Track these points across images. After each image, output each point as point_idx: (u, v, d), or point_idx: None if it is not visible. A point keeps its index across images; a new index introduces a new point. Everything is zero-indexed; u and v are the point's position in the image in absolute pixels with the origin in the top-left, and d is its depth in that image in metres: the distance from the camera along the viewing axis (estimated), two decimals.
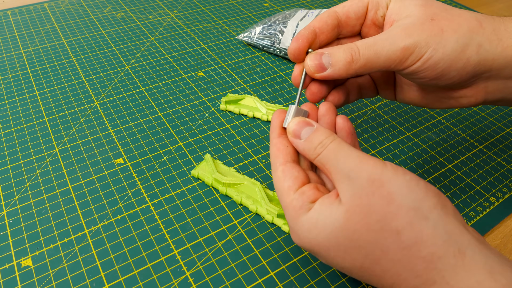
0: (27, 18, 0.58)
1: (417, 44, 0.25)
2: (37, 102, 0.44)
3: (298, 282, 0.29)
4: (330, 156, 0.24)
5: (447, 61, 0.25)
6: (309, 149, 0.25)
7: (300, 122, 0.26)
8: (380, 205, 0.21)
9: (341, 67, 0.26)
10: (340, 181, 0.23)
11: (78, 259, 0.30)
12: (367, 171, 0.22)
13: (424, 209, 0.21)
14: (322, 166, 0.24)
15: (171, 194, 0.35)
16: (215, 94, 0.46)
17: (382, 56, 0.26)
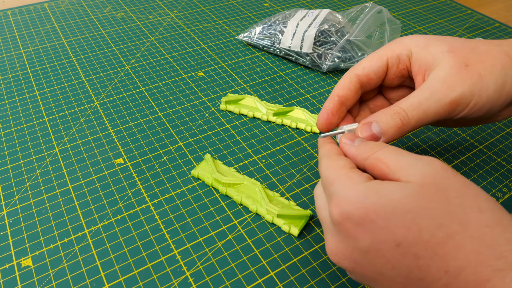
0: (27, 18, 0.58)
1: (463, 95, 0.26)
2: (37, 102, 0.44)
3: (298, 282, 0.29)
4: (391, 151, 0.23)
5: (491, 102, 0.26)
6: (364, 150, 0.24)
7: (352, 136, 0.26)
8: (459, 186, 0.20)
9: (393, 133, 0.26)
10: (405, 169, 0.21)
11: (78, 259, 0.30)
12: (438, 161, 0.22)
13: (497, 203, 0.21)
14: (379, 161, 0.23)
15: (171, 194, 0.35)
16: (215, 94, 0.46)
17: (431, 114, 0.26)
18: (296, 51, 0.50)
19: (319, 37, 0.49)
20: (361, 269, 0.22)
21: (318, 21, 0.49)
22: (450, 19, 0.64)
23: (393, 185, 0.21)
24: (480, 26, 0.62)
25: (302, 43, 0.49)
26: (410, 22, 0.63)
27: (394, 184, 0.21)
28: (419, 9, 0.67)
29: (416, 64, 0.28)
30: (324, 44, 0.49)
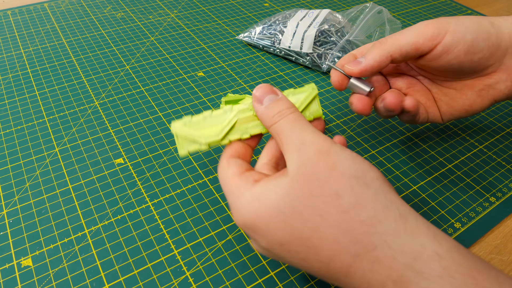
0: (27, 18, 0.58)
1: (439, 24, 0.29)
2: (37, 102, 0.44)
3: (298, 282, 0.29)
4: (287, 126, 0.24)
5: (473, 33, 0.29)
6: (267, 115, 0.25)
7: (266, 88, 0.26)
8: (324, 172, 0.21)
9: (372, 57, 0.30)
10: (290, 152, 0.23)
11: (78, 259, 0.30)
12: (317, 144, 0.22)
13: (367, 178, 0.21)
14: (277, 135, 0.24)
15: (171, 194, 0.35)
16: (215, 94, 0.46)
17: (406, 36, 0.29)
18: (296, 51, 0.50)
19: (319, 37, 0.49)
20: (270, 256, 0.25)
21: (318, 21, 0.49)
22: None
23: (271, 186, 0.22)
24: None
25: (302, 43, 0.49)
26: (410, 22, 0.63)
27: (272, 183, 0.23)
28: (419, 9, 0.67)
29: None
30: (324, 44, 0.49)
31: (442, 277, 0.18)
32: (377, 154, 0.39)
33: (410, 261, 0.19)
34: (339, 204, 0.21)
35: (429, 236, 0.20)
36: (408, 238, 0.19)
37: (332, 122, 0.43)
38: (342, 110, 0.44)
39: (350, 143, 0.40)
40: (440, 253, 0.19)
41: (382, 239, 0.20)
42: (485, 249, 0.32)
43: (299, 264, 0.22)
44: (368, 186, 0.21)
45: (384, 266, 0.19)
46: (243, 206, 0.23)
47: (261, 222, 0.22)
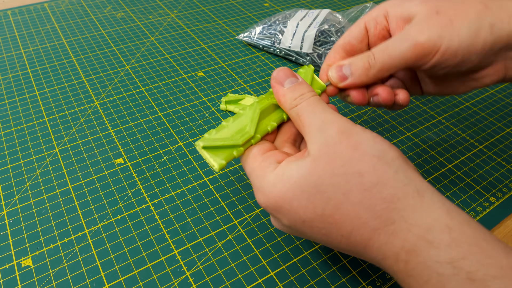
0: (27, 18, 0.58)
1: (430, 38, 0.26)
2: (37, 102, 0.44)
3: (298, 282, 0.29)
4: (308, 108, 0.25)
5: (465, 48, 0.26)
6: (290, 97, 0.26)
7: (287, 71, 0.27)
8: (346, 152, 0.22)
9: (360, 74, 0.28)
10: (311, 133, 0.24)
11: (78, 259, 0.30)
12: (338, 123, 0.23)
13: (387, 157, 0.22)
14: (297, 117, 0.25)
15: (171, 194, 0.35)
16: (215, 94, 0.46)
17: (396, 57, 0.27)
18: (296, 51, 0.50)
19: (319, 37, 0.49)
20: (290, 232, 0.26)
21: (318, 21, 0.49)
22: None
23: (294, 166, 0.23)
24: None
25: (302, 43, 0.49)
26: None
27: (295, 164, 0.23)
28: None
29: (393, 21, 0.29)
30: (324, 44, 0.49)
31: (450, 246, 0.19)
32: None
33: (423, 232, 0.20)
34: (362, 183, 0.22)
35: (443, 210, 0.21)
36: (424, 213, 0.21)
37: None
38: (342, 110, 0.44)
39: None
40: (451, 225, 0.20)
41: (400, 214, 0.21)
42: None
43: (321, 239, 0.23)
44: (389, 165, 0.22)
45: (399, 238, 0.21)
46: (267, 186, 0.24)
47: (285, 201, 0.23)
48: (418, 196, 0.21)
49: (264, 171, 0.24)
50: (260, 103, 0.27)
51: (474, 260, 0.19)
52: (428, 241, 0.20)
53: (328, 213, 0.22)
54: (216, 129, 0.27)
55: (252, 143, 0.26)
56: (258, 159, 0.25)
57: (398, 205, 0.21)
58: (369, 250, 0.22)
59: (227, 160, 0.25)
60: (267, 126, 0.27)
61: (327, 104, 0.26)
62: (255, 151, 0.26)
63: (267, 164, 0.24)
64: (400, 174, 0.22)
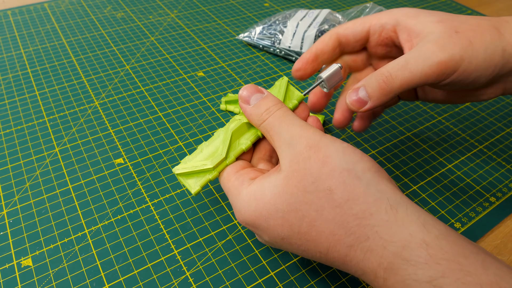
0: (27, 18, 0.58)
1: (453, 57, 0.25)
2: (37, 102, 0.44)
3: (298, 282, 0.29)
4: (275, 123, 0.25)
5: (479, 71, 0.26)
6: (255, 114, 0.26)
7: (251, 88, 0.27)
8: (316, 168, 0.22)
9: (378, 96, 0.26)
10: (281, 148, 0.24)
11: (78, 259, 0.30)
12: (306, 138, 0.23)
13: (358, 170, 0.22)
14: (267, 132, 0.25)
15: (171, 194, 0.35)
16: (215, 94, 0.46)
17: (418, 73, 0.26)
18: (296, 51, 0.50)
19: (319, 37, 0.49)
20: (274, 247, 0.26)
21: (318, 21, 0.49)
22: None
23: (266, 184, 0.23)
24: None
25: (302, 43, 0.49)
26: None
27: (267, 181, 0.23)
28: (419, 9, 0.67)
29: (404, 32, 0.28)
30: None
31: (428, 264, 0.19)
32: (377, 154, 0.39)
33: (399, 250, 0.20)
34: (333, 199, 0.22)
35: (418, 224, 0.20)
36: (398, 228, 0.20)
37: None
38: None
39: (350, 143, 0.40)
40: (428, 241, 0.20)
41: (373, 230, 0.21)
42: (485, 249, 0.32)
43: (301, 254, 0.24)
44: (360, 179, 0.22)
45: (375, 255, 0.20)
46: (241, 206, 0.24)
47: (261, 219, 0.23)
48: (391, 210, 0.21)
49: (238, 190, 0.25)
50: (233, 123, 0.27)
51: (454, 278, 0.18)
52: (404, 258, 0.20)
53: (304, 231, 0.22)
54: (193, 154, 0.28)
55: (227, 164, 0.27)
56: (231, 179, 0.26)
57: (371, 221, 0.21)
58: (348, 265, 0.22)
59: (201, 185, 0.27)
60: (242, 146, 0.27)
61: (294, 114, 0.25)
62: (229, 170, 0.26)
63: (240, 183, 0.25)
64: (372, 188, 0.21)
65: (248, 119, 0.27)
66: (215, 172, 0.27)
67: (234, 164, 0.27)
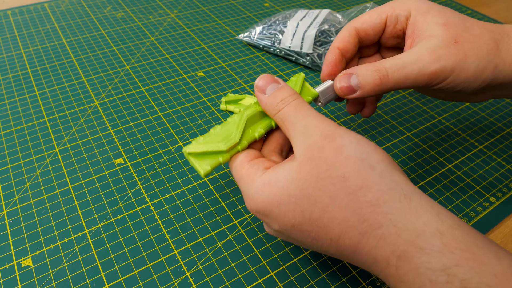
0: (27, 18, 0.58)
1: (444, 69, 0.26)
2: (37, 102, 0.44)
3: (298, 282, 0.29)
4: (290, 113, 0.25)
5: (467, 83, 0.27)
6: (271, 104, 0.26)
7: (268, 78, 0.27)
8: (330, 156, 0.22)
9: (370, 89, 0.27)
10: (296, 137, 0.24)
11: (78, 259, 0.30)
12: (321, 128, 0.23)
13: (372, 160, 0.22)
14: (282, 122, 0.25)
15: (171, 194, 0.35)
16: (215, 94, 0.46)
17: (411, 79, 0.27)
18: (296, 51, 0.50)
19: (319, 37, 0.49)
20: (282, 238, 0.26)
21: (318, 21, 0.49)
22: None
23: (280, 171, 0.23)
24: None
25: (302, 43, 0.49)
26: None
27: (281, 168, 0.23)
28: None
29: (411, 27, 0.29)
30: (324, 44, 0.49)
31: (442, 252, 0.19)
32: None
33: (413, 238, 0.20)
34: (346, 186, 0.22)
35: (432, 214, 0.20)
36: (412, 217, 0.20)
37: None
38: (342, 110, 0.44)
39: None
40: (442, 230, 0.20)
41: (387, 218, 0.21)
42: None
43: (311, 243, 0.23)
44: (374, 168, 0.22)
45: (388, 242, 0.20)
46: (255, 192, 0.24)
47: (273, 205, 0.23)
48: (405, 199, 0.21)
49: (251, 178, 0.24)
50: (248, 110, 0.27)
51: (468, 267, 0.19)
52: (418, 246, 0.20)
53: (315, 217, 0.22)
54: (204, 136, 0.27)
55: (239, 149, 0.26)
56: (245, 166, 0.25)
57: (385, 209, 0.21)
58: (359, 254, 0.22)
59: (212, 166, 0.26)
60: (255, 133, 0.27)
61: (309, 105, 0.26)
62: (242, 157, 0.26)
63: (254, 171, 0.25)
64: (385, 178, 0.22)
65: (263, 109, 0.27)
66: (227, 155, 0.26)
67: (248, 152, 0.26)
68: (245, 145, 0.26)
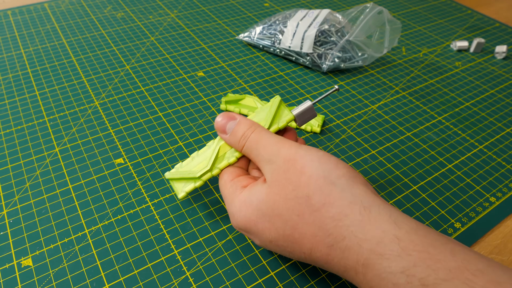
0: (27, 18, 0.58)
1: None
2: (37, 102, 0.44)
3: (298, 282, 0.29)
4: (253, 146, 0.27)
5: None
6: (234, 142, 0.28)
7: (224, 117, 0.29)
8: (295, 177, 0.24)
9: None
10: (263, 166, 0.26)
11: (78, 259, 0.30)
12: (283, 153, 0.26)
13: (333, 177, 0.24)
14: (248, 155, 0.28)
15: (171, 194, 0.35)
16: (215, 94, 0.46)
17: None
18: (296, 51, 0.50)
19: (319, 37, 0.49)
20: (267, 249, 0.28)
21: (318, 21, 0.49)
22: (450, 19, 0.64)
23: (253, 191, 0.26)
24: (480, 26, 0.62)
25: (302, 43, 0.49)
26: (410, 22, 0.63)
27: (254, 189, 0.26)
28: (419, 9, 0.67)
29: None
30: (324, 44, 0.49)
31: (400, 256, 0.21)
32: (377, 154, 0.39)
33: (374, 246, 0.21)
34: (311, 204, 0.24)
35: (390, 222, 0.22)
36: (372, 227, 0.22)
37: (332, 122, 0.43)
38: (342, 110, 0.44)
39: (350, 143, 0.40)
40: (399, 235, 0.21)
41: (349, 230, 0.22)
42: (485, 249, 0.32)
43: (289, 255, 0.26)
44: (335, 184, 0.24)
45: (353, 252, 0.22)
46: (235, 211, 0.27)
47: (251, 223, 0.26)
48: (364, 211, 0.22)
49: (231, 197, 0.27)
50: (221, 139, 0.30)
51: (425, 266, 0.20)
52: (379, 253, 0.21)
53: (288, 233, 0.24)
54: (186, 161, 0.31)
55: (212, 174, 0.30)
56: (227, 185, 0.28)
57: (346, 222, 0.22)
58: (331, 264, 0.23)
59: (187, 191, 0.30)
60: (229, 159, 0.29)
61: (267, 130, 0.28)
62: (226, 177, 0.29)
63: (234, 190, 0.27)
64: (346, 192, 0.23)
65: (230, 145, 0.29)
66: (200, 181, 0.30)
67: (231, 172, 0.29)
68: (218, 171, 0.30)
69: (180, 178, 0.31)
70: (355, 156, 0.39)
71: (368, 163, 0.38)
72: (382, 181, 0.37)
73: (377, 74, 0.51)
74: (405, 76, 0.51)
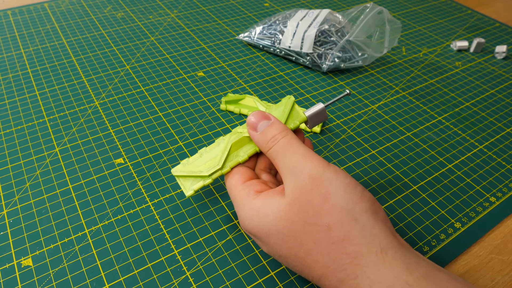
0: (27, 18, 0.58)
1: None
2: (37, 102, 0.44)
3: (298, 282, 0.29)
4: (280, 151, 0.26)
5: None
6: (262, 142, 0.27)
7: (258, 116, 0.28)
8: (317, 202, 0.24)
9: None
10: (285, 175, 0.25)
11: (78, 259, 0.30)
12: (309, 169, 0.24)
13: (356, 211, 0.23)
14: (273, 159, 0.27)
15: (171, 194, 0.35)
16: (215, 94, 0.46)
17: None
18: (296, 51, 0.50)
19: (319, 37, 0.49)
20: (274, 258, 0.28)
21: (318, 21, 0.49)
22: (450, 19, 0.64)
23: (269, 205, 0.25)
24: (480, 26, 0.62)
25: (302, 43, 0.49)
26: (410, 22, 0.63)
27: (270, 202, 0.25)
28: (419, 9, 0.67)
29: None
30: (324, 44, 0.49)
31: None
32: (377, 154, 0.39)
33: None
34: (330, 236, 0.23)
35: (403, 268, 0.22)
36: (385, 270, 0.22)
37: (332, 122, 0.43)
38: (342, 110, 0.44)
39: (350, 143, 0.40)
40: (410, 282, 0.21)
41: (363, 270, 0.22)
42: (485, 249, 0.32)
43: (295, 271, 0.25)
44: (357, 221, 0.23)
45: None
46: (246, 218, 0.26)
47: (263, 235, 0.25)
48: (381, 253, 0.22)
49: (243, 201, 0.26)
50: (233, 135, 0.29)
51: None
52: None
53: (301, 256, 0.24)
54: (193, 157, 0.30)
55: (222, 173, 0.29)
56: (238, 188, 0.27)
57: (362, 261, 0.22)
58: None
59: (196, 189, 0.29)
60: (239, 158, 0.29)
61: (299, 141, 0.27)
62: (237, 178, 0.28)
63: (246, 194, 0.26)
64: (367, 231, 0.23)
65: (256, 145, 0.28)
66: (210, 179, 0.29)
67: (243, 173, 0.28)
68: (228, 170, 0.29)
69: (188, 176, 0.30)
70: (355, 156, 0.39)
71: (368, 163, 0.38)
72: (382, 181, 0.37)
73: (377, 74, 0.51)
74: (405, 76, 0.51)
